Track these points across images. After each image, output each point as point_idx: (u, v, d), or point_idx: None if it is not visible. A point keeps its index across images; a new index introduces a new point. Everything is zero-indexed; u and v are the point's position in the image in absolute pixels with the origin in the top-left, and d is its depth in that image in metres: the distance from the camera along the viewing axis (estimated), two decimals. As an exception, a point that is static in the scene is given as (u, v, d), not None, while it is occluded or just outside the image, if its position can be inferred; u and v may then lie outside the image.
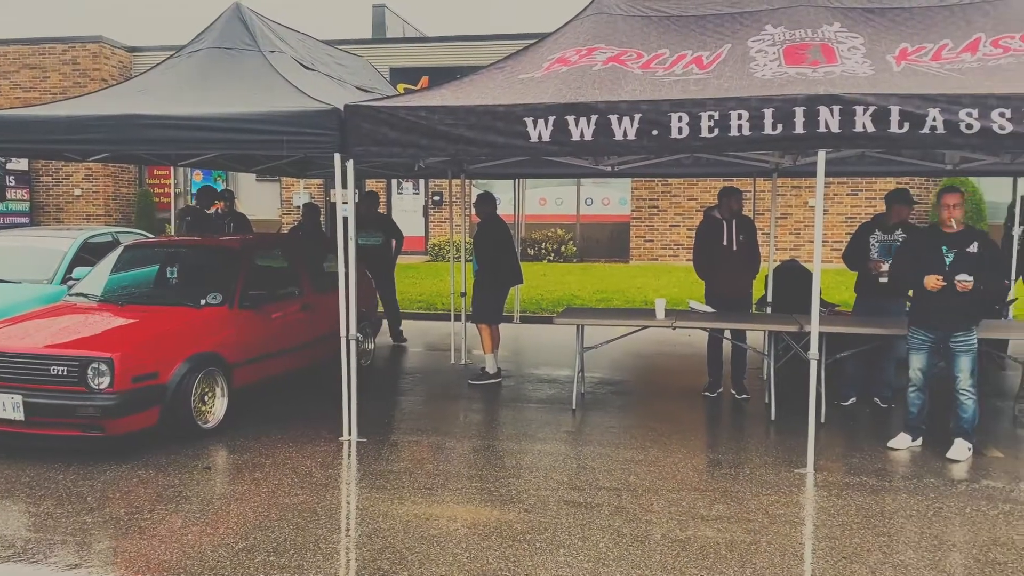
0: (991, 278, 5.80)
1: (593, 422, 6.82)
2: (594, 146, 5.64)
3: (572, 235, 21.26)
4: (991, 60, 5.58)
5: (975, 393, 5.85)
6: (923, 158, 8.03)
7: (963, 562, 4.21)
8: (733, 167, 9.03)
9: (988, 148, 5.58)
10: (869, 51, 5.84)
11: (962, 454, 5.84)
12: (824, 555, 4.30)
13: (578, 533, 4.56)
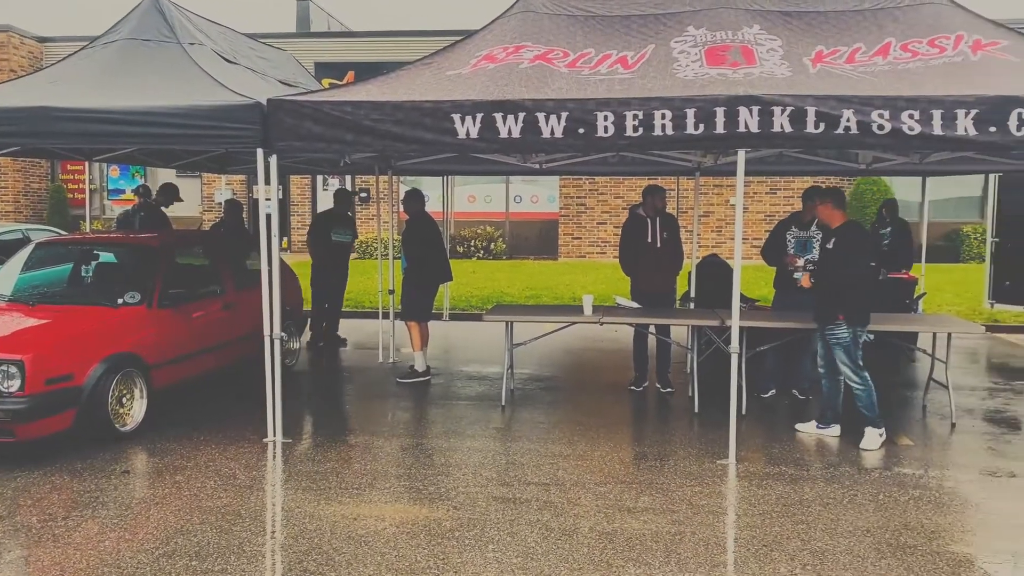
0: (834, 273, 6.09)
1: (522, 418, 6.86)
2: (522, 143, 5.68)
3: (501, 232, 21.32)
4: (901, 64, 5.81)
5: (862, 381, 6.10)
6: (838, 158, 8.31)
7: (876, 546, 4.38)
8: (658, 166, 9.19)
9: (898, 148, 5.82)
10: (787, 53, 6.01)
11: (872, 443, 6.07)
12: (746, 543, 4.42)
13: (507, 529, 4.58)
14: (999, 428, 6.70)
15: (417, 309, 8.16)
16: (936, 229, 19.56)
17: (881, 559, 4.22)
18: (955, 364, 8.89)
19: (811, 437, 6.34)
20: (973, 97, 5.23)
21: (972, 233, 19.63)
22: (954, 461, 5.84)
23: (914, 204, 18.99)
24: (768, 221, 19.91)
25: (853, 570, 4.09)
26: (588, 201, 20.99)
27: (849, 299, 5.99)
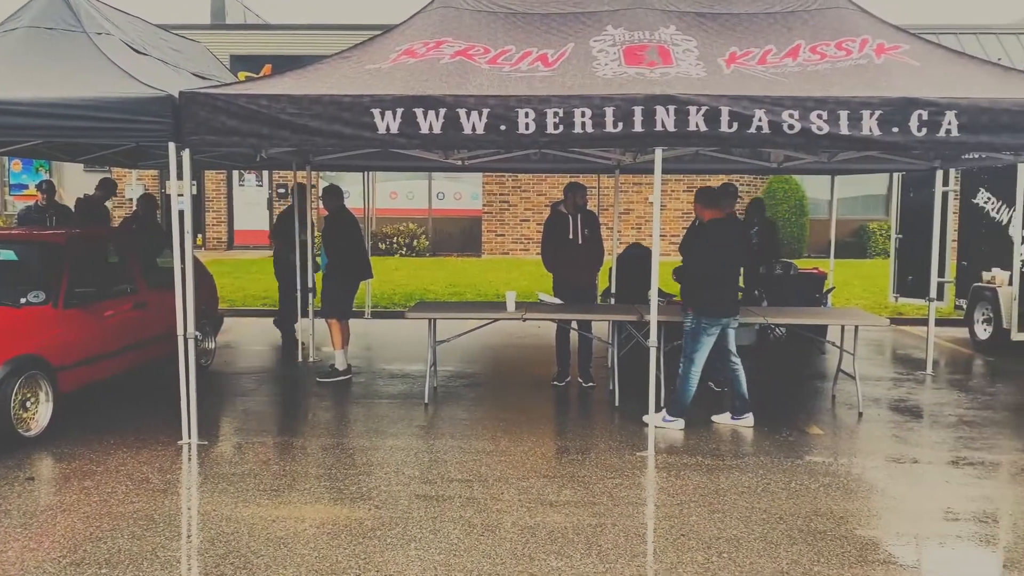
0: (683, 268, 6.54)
1: (445, 416, 6.84)
2: (443, 139, 5.66)
3: (424, 229, 21.22)
4: (810, 66, 6.01)
5: (684, 370, 6.37)
6: (751, 156, 8.55)
7: (788, 533, 4.53)
8: (579, 163, 9.30)
9: (808, 147, 6.02)
10: (702, 54, 6.15)
11: (654, 420, 6.16)
12: (664, 533, 4.51)
13: (429, 526, 4.56)
14: (903, 416, 7.01)
15: (338, 307, 8.05)
16: (844, 226, 20.35)
17: (793, 545, 4.37)
18: (862, 355, 9.26)
19: (726, 427, 6.52)
20: (877, 99, 5.46)
21: (878, 230, 20.46)
22: (861, 449, 6.09)
23: (824, 202, 19.73)
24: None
25: (767, 556, 4.22)
26: (511, 198, 21.07)
27: (696, 291, 6.14)
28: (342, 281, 8.09)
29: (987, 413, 7.13)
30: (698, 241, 6.45)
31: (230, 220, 21.89)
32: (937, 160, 8.56)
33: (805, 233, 20.21)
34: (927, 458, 5.88)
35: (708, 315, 6.27)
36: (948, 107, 5.43)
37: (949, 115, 5.44)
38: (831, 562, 4.16)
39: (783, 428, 6.54)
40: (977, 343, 10.15)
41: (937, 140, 5.49)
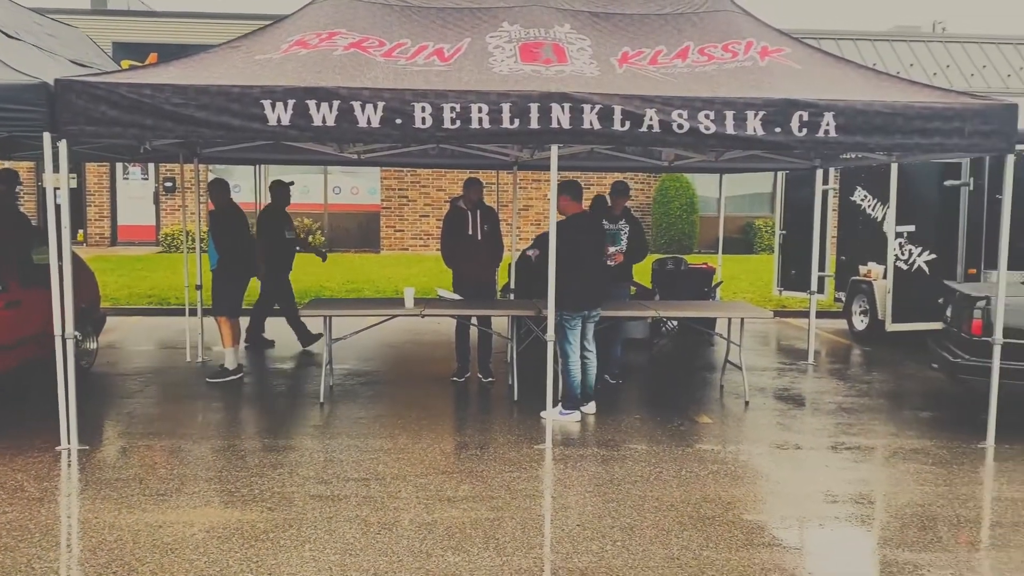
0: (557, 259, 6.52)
1: (342, 414, 6.74)
2: (337, 132, 5.56)
3: (320, 225, 20.81)
4: (698, 67, 6.20)
5: (561, 365, 6.49)
6: (643, 155, 8.76)
7: (679, 519, 4.67)
8: (478, 159, 9.31)
9: (696, 146, 6.21)
10: (596, 53, 6.26)
11: (551, 414, 6.32)
12: (561, 524, 4.57)
13: (324, 526, 4.48)
14: (787, 404, 7.33)
15: (227, 304, 7.81)
16: (732, 223, 21.10)
17: (683, 531, 4.51)
18: (748, 347, 9.64)
19: (628, 422, 6.66)
20: (761, 100, 5.68)
21: (763, 226, 21.31)
22: (748, 436, 6.33)
23: (713, 199, 20.40)
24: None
25: (659, 543, 4.34)
26: (410, 193, 20.91)
27: (559, 284, 6.22)
28: (231, 278, 7.85)
29: (864, 400, 7.54)
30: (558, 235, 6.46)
31: (113, 215, 20.90)
32: (817, 159, 8.97)
33: (695, 230, 20.86)
34: (809, 444, 6.16)
35: (568, 308, 6.39)
36: (826, 109, 5.70)
37: (827, 116, 5.71)
38: (719, 546, 4.31)
39: (675, 418, 6.74)
40: (855, 334, 10.71)
41: (816, 140, 5.75)
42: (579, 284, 6.40)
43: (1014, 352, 6.21)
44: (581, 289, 6.43)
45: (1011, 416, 6.49)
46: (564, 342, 6.47)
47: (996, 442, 6.15)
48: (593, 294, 6.55)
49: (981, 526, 4.70)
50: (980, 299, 6.45)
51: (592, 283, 6.50)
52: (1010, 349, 6.18)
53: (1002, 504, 5.03)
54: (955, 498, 5.10)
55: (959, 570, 4.11)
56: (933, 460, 5.81)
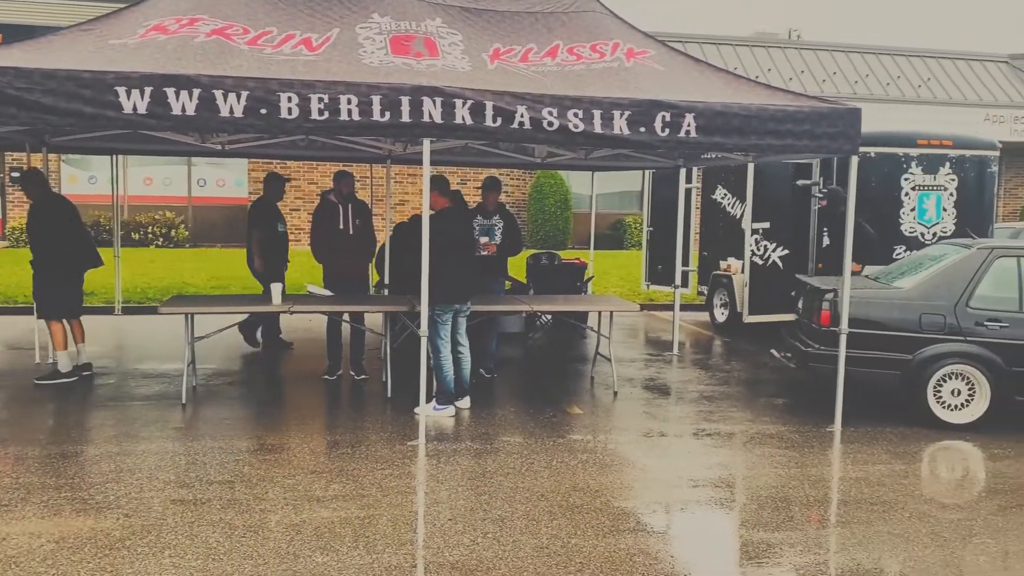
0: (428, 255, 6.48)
1: (206, 416, 6.48)
2: (198, 122, 5.34)
3: (184, 218, 19.95)
4: (568, 66, 6.32)
5: (435, 356, 6.49)
6: (517, 151, 8.85)
7: (549, 509, 4.75)
8: (349, 152, 9.15)
9: (566, 144, 6.31)
10: (467, 48, 6.27)
11: (425, 409, 6.31)
12: (433, 519, 4.57)
13: (185, 532, 4.30)
14: (653, 394, 7.59)
15: (50, 305, 7.28)
16: (603, 219, 21.66)
17: (553, 520, 4.59)
18: (618, 339, 9.93)
19: (501, 416, 6.72)
20: (627, 100, 5.84)
21: (633, 223, 21.97)
22: (616, 425, 6.51)
23: (586, 196, 20.87)
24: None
25: (529, 533, 4.41)
26: (280, 187, 20.30)
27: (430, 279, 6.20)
28: (53, 277, 7.27)
29: (724, 388, 7.90)
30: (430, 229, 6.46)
31: (-49, 206, 19.31)
32: (680, 159, 9.33)
33: (569, 226, 21.27)
34: (673, 431, 6.41)
35: (439, 302, 6.40)
36: (687, 110, 5.93)
37: (689, 117, 5.94)
38: (587, 534, 4.42)
39: (547, 409, 6.86)
40: (716, 325, 11.21)
41: (679, 140, 5.97)
42: (449, 278, 6.40)
43: (859, 341, 6.65)
44: (451, 283, 6.44)
45: (855, 401, 6.95)
46: (435, 337, 6.46)
47: (842, 426, 6.57)
48: (464, 288, 6.57)
49: (829, 505, 5.01)
50: (828, 292, 6.87)
51: (462, 277, 6.52)
52: (855, 338, 6.61)
53: (847, 483, 5.38)
54: (806, 479, 5.42)
55: (808, 547, 4.38)
56: (786, 444, 6.16)
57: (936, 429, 6.57)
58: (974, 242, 7.08)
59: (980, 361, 6.50)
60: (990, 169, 9.88)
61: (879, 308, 6.74)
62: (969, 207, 9.79)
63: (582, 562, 4.08)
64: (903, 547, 4.40)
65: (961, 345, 6.53)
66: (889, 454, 5.98)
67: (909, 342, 6.63)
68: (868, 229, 8.81)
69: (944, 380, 6.58)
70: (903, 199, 9.65)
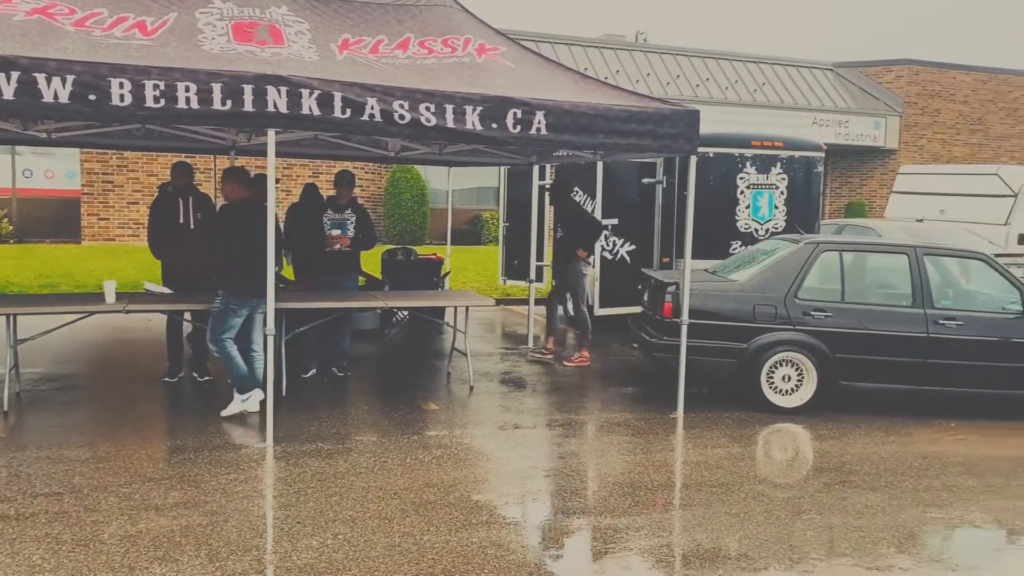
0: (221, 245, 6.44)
1: (31, 424, 6.01)
2: (17, 107, 4.93)
3: (7, 212, 18.42)
4: (419, 59, 6.27)
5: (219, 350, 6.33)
6: (369, 144, 8.71)
7: (402, 507, 4.71)
8: (191, 142, 8.71)
9: (419, 138, 6.25)
10: (315, 38, 6.11)
11: (231, 408, 6.37)
12: (281, 523, 4.43)
13: (6, 550, 3.97)
14: (508, 387, 7.67)
15: None
16: (461, 215, 21.73)
17: (406, 518, 4.56)
18: (474, 334, 9.98)
19: (353, 414, 6.59)
20: (478, 95, 5.86)
21: (490, 219, 22.15)
22: (472, 420, 6.54)
23: (443, 192, 20.85)
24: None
25: (381, 532, 4.35)
26: (116, 178, 19.13)
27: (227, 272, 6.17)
28: None
29: (576, 380, 8.10)
30: (224, 221, 6.35)
31: None
32: (534, 156, 9.47)
33: (426, 221, 21.19)
34: (527, 423, 6.50)
35: (235, 295, 6.26)
36: (538, 107, 6.02)
37: (539, 115, 6.03)
38: (439, 529, 4.42)
39: (402, 407, 6.80)
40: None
41: (530, 137, 6.05)
42: (243, 272, 6.20)
43: (699, 331, 6.98)
44: (245, 277, 6.22)
45: (696, 388, 7.31)
46: (223, 332, 6.25)
47: (685, 412, 6.89)
48: (258, 285, 6.12)
49: (673, 488, 5.23)
50: (670, 285, 7.18)
51: (257, 273, 6.11)
52: (695, 328, 6.94)
53: (689, 467, 5.64)
54: (651, 464, 5.64)
55: (652, 529, 4.55)
56: (633, 431, 6.39)
57: (769, 413, 7.00)
58: (801, 237, 7.59)
59: (807, 348, 6.97)
60: (816, 169, 10.61)
61: (717, 300, 7.10)
62: (798, 204, 10.48)
63: (434, 558, 4.07)
64: (739, 526, 4.65)
65: (790, 334, 6.98)
66: (727, 438, 6.32)
67: (744, 332, 7.02)
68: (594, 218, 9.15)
69: (776, 367, 7.02)
70: (739, 197, 10.20)
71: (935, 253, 7.28)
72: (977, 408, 7.24)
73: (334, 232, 7.54)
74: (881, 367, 6.99)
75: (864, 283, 7.38)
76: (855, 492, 5.25)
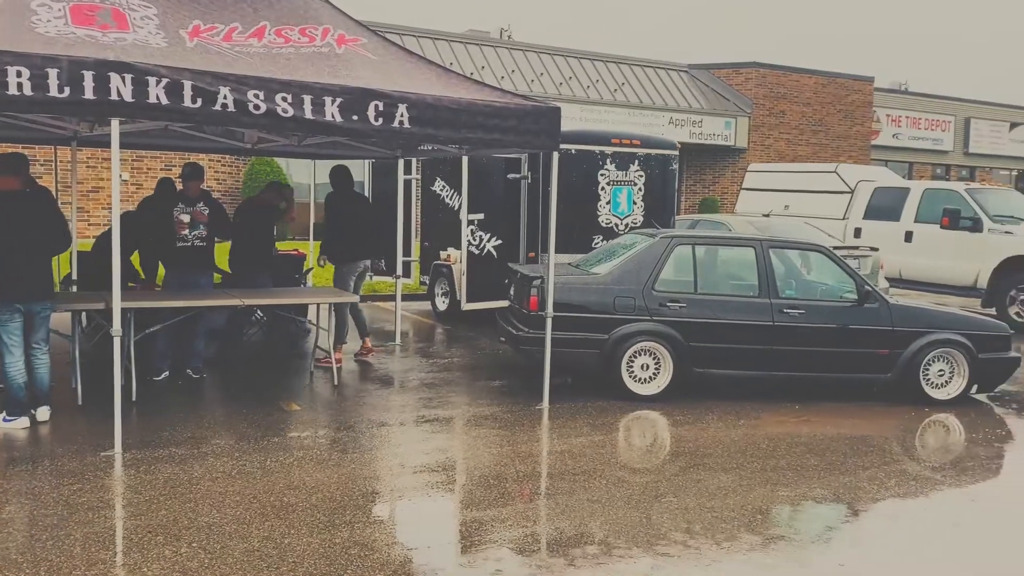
0: None
1: None
2: None
3: None
4: (275, 48, 6.07)
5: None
6: (224, 135, 8.38)
7: (261, 511, 4.56)
8: (27, 132, 8.10)
9: (276, 129, 6.06)
10: (163, 23, 5.81)
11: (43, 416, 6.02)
12: (130, 533, 4.19)
13: None
14: (374, 385, 7.57)
15: None
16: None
17: (265, 521, 4.41)
18: (339, 332, 9.76)
19: (212, 418, 6.32)
20: (338, 86, 5.74)
21: (356, 214, 21.77)
22: (336, 419, 6.42)
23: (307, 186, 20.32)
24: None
25: (239, 538, 4.20)
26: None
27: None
28: None
29: (444, 375, 8.09)
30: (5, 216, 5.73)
31: None
32: (398, 150, 9.38)
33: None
34: (394, 420, 6.44)
35: (7, 299, 5.70)
36: (400, 100, 5.95)
37: (401, 108, 5.96)
38: (301, 531, 4.31)
39: (261, 408, 6.58)
40: (438, 314, 11.45)
41: (392, 129, 5.98)
42: (9, 273, 5.66)
43: (563, 323, 7.12)
44: (13, 279, 5.69)
45: (562, 379, 7.45)
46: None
47: (550, 403, 7.01)
48: (25, 285, 5.74)
49: (538, 479, 5.31)
50: (535, 279, 7.28)
51: (24, 273, 5.71)
52: (560, 321, 7.07)
53: (553, 456, 5.75)
54: (517, 456, 5.70)
55: (517, 520, 4.61)
56: (500, 424, 6.44)
57: (630, 401, 7.23)
58: (657, 232, 7.87)
59: (664, 338, 7.24)
60: (672, 167, 11.04)
61: (579, 293, 7.26)
62: (655, 200, 10.87)
63: (295, 561, 3.97)
64: (601, 512, 4.78)
65: (648, 324, 7.24)
66: (590, 427, 6.48)
67: (605, 323, 7.22)
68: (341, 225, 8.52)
69: (635, 356, 7.26)
70: (600, 193, 10.48)
71: (779, 246, 7.72)
72: (819, 391, 7.74)
73: (183, 218, 7.20)
74: (731, 355, 7.35)
75: (715, 275, 7.74)
76: (709, 474, 5.50)
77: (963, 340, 7.49)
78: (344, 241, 8.24)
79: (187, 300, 6.70)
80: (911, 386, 7.51)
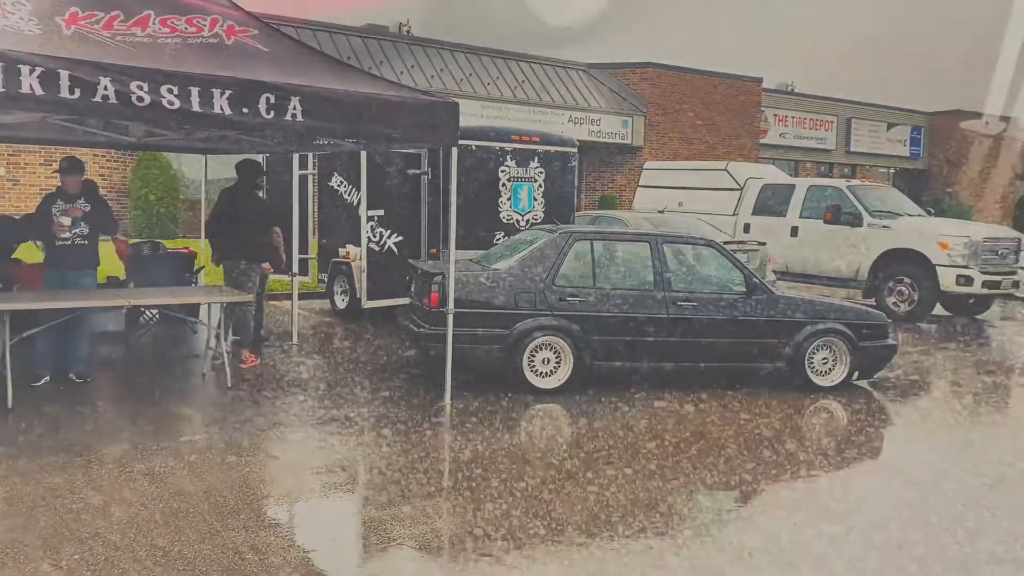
0: None
1: None
2: None
3: None
4: (160, 38, 5.83)
5: None
6: (108, 129, 8.01)
7: (150, 518, 4.38)
8: None
9: (161, 122, 5.88)
10: (37, 10, 5.49)
11: None
12: (5, 548, 3.95)
13: None
14: (270, 387, 7.36)
15: None
16: (220, 206, 20.53)
17: (153, 529, 4.23)
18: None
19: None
20: (227, 78, 5.56)
21: (252, 211, 21.16)
22: (229, 422, 6.20)
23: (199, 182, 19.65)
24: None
25: (124, 548, 4.00)
26: None
27: None
28: None
29: (344, 374, 7.96)
30: None
31: None
32: (293, 144, 9.16)
33: (178, 213, 19.85)
34: (293, 422, 6.29)
35: None
36: (293, 93, 5.81)
37: (294, 101, 5.82)
38: (191, 538, 4.15)
39: (150, 412, 6.32)
40: (338, 312, 11.26)
41: (284, 123, 5.83)
42: None
43: (465, 319, 7.11)
44: None
45: (464, 375, 7.45)
46: None
47: (452, 399, 6.99)
48: None
49: (442, 475, 5.30)
50: (436, 275, 7.25)
51: None
52: (462, 317, 7.05)
53: (454, 453, 5.74)
54: (417, 454, 5.67)
55: (417, 518, 4.58)
56: (401, 423, 6.38)
57: (532, 395, 7.27)
58: (557, 227, 7.96)
59: (564, 332, 7.33)
60: (571, 164, 11.18)
61: (481, 289, 7.28)
62: (555, 197, 10.98)
63: (184, 568, 3.83)
64: (504, 506, 4.80)
65: (549, 319, 7.31)
66: (492, 422, 6.49)
67: (507, 318, 7.25)
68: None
69: (537, 351, 7.32)
70: (501, 189, 10.52)
71: (672, 241, 7.93)
72: (712, 381, 7.98)
73: (63, 220, 6.83)
74: (628, 347, 7.50)
75: (612, 270, 7.87)
76: (607, 467, 5.61)
77: (844, 329, 7.86)
78: (228, 239, 7.99)
79: (68, 301, 6.37)
80: (798, 374, 7.84)
